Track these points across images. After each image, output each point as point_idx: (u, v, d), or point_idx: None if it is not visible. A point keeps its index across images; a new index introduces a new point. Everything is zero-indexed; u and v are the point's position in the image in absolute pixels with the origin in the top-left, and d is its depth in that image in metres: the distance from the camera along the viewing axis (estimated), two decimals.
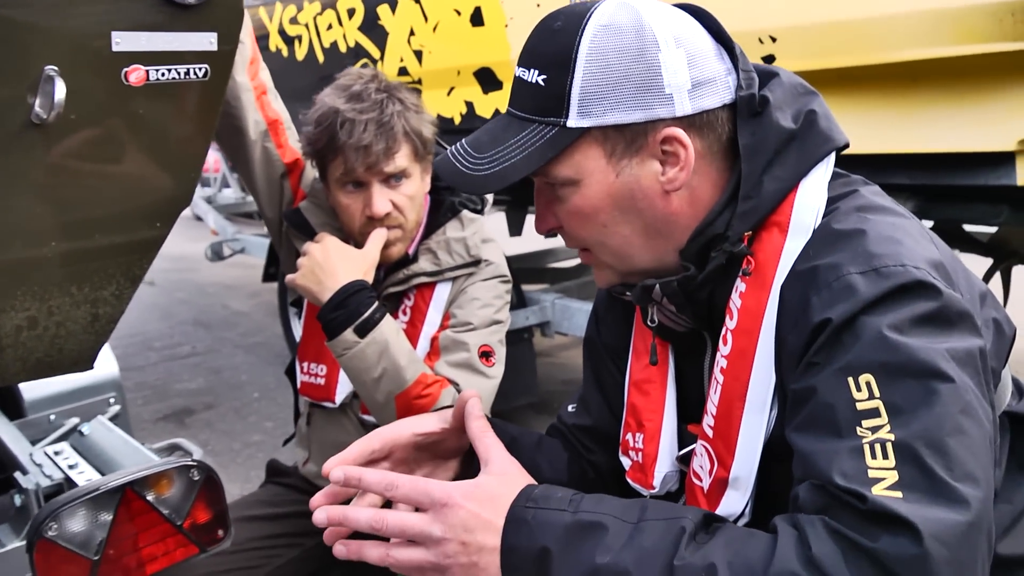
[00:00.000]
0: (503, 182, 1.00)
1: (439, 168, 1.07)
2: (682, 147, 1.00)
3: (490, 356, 1.77)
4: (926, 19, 2.14)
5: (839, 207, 1.00)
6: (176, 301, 8.25)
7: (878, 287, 0.87)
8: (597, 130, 0.99)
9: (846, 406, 0.84)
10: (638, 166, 1.01)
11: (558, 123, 1.00)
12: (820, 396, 0.86)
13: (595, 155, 1.01)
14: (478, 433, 1.08)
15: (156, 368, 5.92)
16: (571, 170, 1.02)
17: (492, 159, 1.02)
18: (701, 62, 1.00)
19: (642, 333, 1.22)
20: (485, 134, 1.06)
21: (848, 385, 0.85)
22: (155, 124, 1.32)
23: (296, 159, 1.92)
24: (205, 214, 8.47)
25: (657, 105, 0.98)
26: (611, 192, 1.02)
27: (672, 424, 1.17)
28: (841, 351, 0.87)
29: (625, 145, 1.00)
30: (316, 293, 1.67)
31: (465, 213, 1.86)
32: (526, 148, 1.01)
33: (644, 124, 0.99)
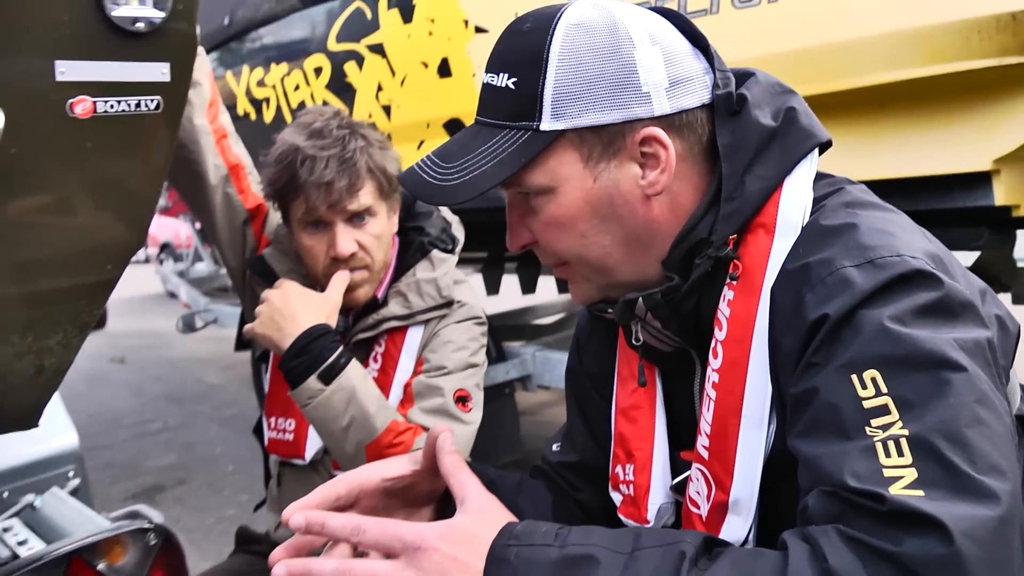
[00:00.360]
0: (473, 191, 0.94)
1: (404, 181, 1.00)
2: (662, 148, 0.95)
3: (466, 401, 1.68)
4: (890, 42, 2.12)
5: (826, 204, 0.95)
6: (148, 378, 8.08)
7: (875, 278, 0.82)
8: (572, 133, 0.94)
9: (852, 405, 0.78)
10: (617, 169, 0.96)
11: (531, 127, 0.94)
12: (823, 397, 0.81)
13: (571, 160, 0.96)
14: (451, 469, 1.00)
15: (125, 446, 5.73)
16: (546, 177, 0.96)
17: (462, 168, 0.96)
18: (677, 60, 0.96)
19: (627, 357, 1.16)
20: (453, 144, 1.00)
21: (852, 383, 0.79)
22: (104, 159, 1.25)
23: (259, 204, 1.85)
24: (177, 288, 8.38)
25: (634, 104, 0.94)
26: (589, 199, 0.97)
27: (664, 451, 1.11)
28: (841, 348, 0.81)
29: (602, 148, 0.95)
30: (276, 340, 1.58)
31: (435, 253, 1.79)
32: (497, 155, 0.95)
33: (622, 125, 0.94)
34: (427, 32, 3.44)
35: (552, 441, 1.35)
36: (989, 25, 1.95)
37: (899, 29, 2.12)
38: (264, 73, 4.50)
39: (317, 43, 4.04)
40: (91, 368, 8.72)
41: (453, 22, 3.32)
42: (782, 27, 2.30)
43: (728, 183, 0.96)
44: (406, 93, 3.59)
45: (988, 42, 1.97)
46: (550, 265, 1.06)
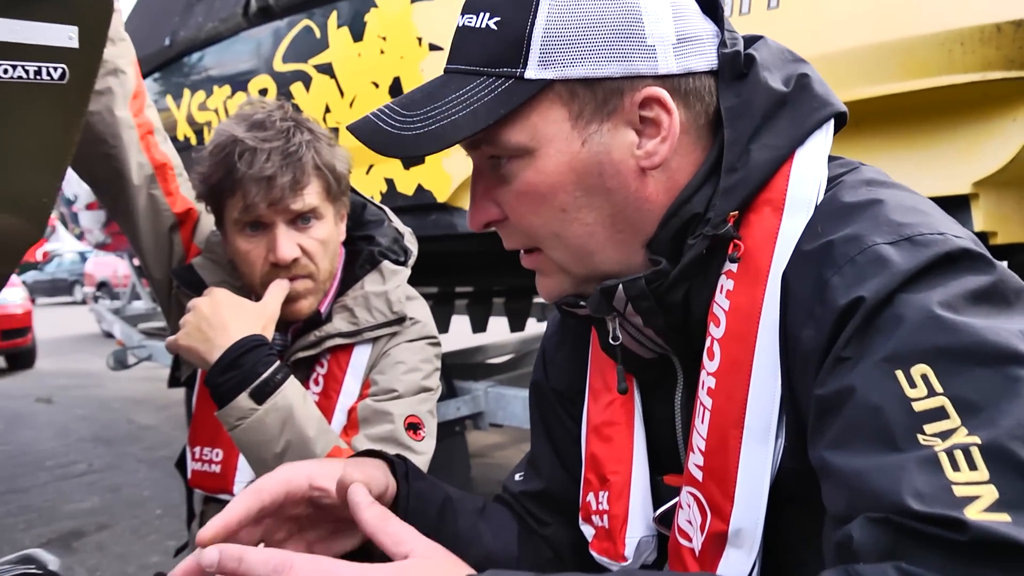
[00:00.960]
0: (439, 143, 0.79)
1: (356, 129, 0.83)
2: (665, 113, 0.80)
3: (418, 428, 1.49)
4: (867, 54, 2.02)
5: (844, 180, 0.82)
6: (75, 418, 7.71)
7: (917, 257, 0.69)
8: (561, 85, 0.80)
9: (899, 407, 0.64)
10: (609, 134, 0.81)
11: (513, 74, 0.80)
12: (861, 398, 0.66)
13: (557, 117, 0.81)
14: (377, 524, 0.82)
15: (45, 489, 5.37)
16: (526, 135, 0.81)
17: (428, 116, 0.80)
18: (687, 15, 0.83)
19: (600, 367, 1.01)
20: (418, 92, 0.84)
21: (897, 380, 0.65)
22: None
23: (188, 209, 1.65)
24: (112, 325, 8.06)
25: (637, 57, 0.79)
26: (574, 165, 0.81)
27: (643, 474, 0.95)
28: (880, 338, 0.67)
29: (595, 106, 0.80)
30: (203, 353, 1.37)
31: (386, 264, 1.61)
32: (471, 103, 0.80)
33: (620, 81, 0.80)
34: (378, 51, 3.31)
35: (514, 470, 1.19)
36: (973, 37, 1.86)
37: (876, 42, 2.02)
38: (206, 96, 4.32)
39: (262, 64, 3.90)
40: (15, 408, 8.31)
41: (406, 40, 3.19)
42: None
43: (730, 152, 0.82)
44: (356, 114, 3.44)
45: (971, 55, 1.88)
46: (517, 249, 0.90)
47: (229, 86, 4.13)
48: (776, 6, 2.15)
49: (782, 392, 0.76)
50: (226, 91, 4.15)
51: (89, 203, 7.61)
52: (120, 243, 8.16)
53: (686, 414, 0.93)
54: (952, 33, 1.88)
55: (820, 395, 0.70)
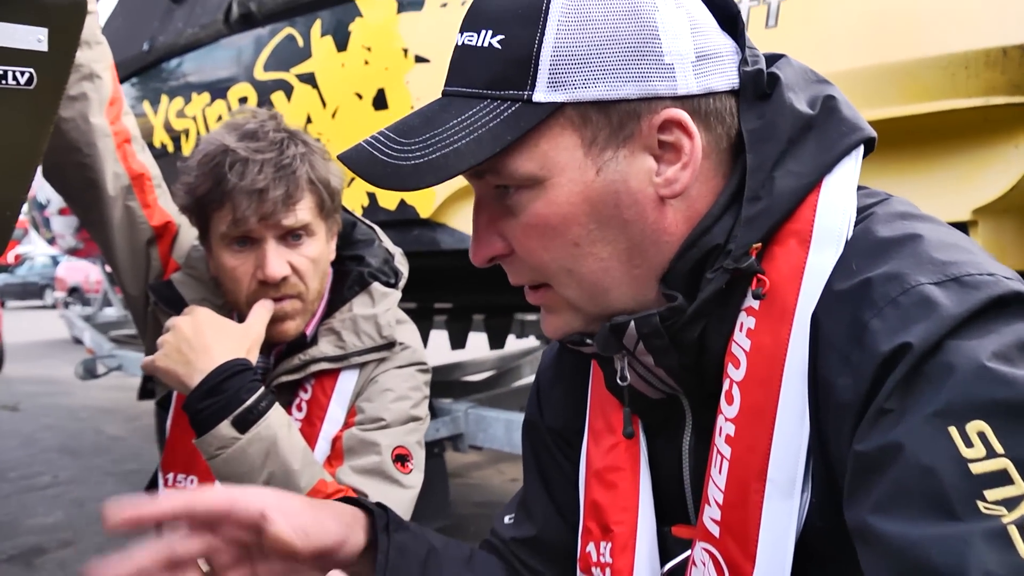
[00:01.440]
0: (442, 174, 0.73)
1: (349, 160, 0.77)
2: (686, 136, 0.75)
3: (406, 460, 1.41)
4: (868, 76, 1.98)
5: (875, 212, 0.77)
6: (41, 427, 7.53)
7: (966, 301, 0.64)
8: (573, 108, 0.74)
9: (954, 468, 0.59)
10: (626, 160, 0.75)
11: (520, 97, 0.73)
12: (910, 457, 0.61)
13: (569, 144, 0.75)
14: None
15: (6, 501, 5.21)
16: (535, 163, 0.75)
17: (427, 144, 0.74)
18: (705, 30, 0.77)
19: (602, 407, 0.95)
20: (416, 117, 0.78)
21: (951, 437, 0.60)
22: None
23: (167, 222, 1.57)
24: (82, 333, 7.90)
25: (654, 77, 0.73)
26: (589, 195, 0.76)
27: (650, 525, 0.89)
28: (930, 389, 0.62)
29: (610, 131, 0.74)
30: (183, 377, 1.29)
31: (376, 286, 1.53)
32: (475, 129, 0.73)
33: (637, 103, 0.74)
34: (363, 61, 3.24)
35: (504, 512, 1.12)
36: (978, 60, 1.82)
37: (877, 63, 1.98)
38: (184, 103, 4.24)
39: (243, 72, 3.82)
40: None
41: (391, 51, 3.13)
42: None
43: (753, 179, 0.76)
44: (338, 126, 3.37)
45: (975, 79, 1.84)
46: (522, 285, 0.83)
47: (208, 93, 4.05)
48: (774, 25, 2.11)
49: (810, 443, 0.71)
50: (205, 98, 4.06)
51: (61, 208, 7.49)
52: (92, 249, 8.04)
53: (695, 460, 0.87)
54: (957, 56, 1.85)
55: (861, 451, 0.64)
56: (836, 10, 2.04)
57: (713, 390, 0.79)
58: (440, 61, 2.99)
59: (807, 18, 2.07)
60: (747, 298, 0.76)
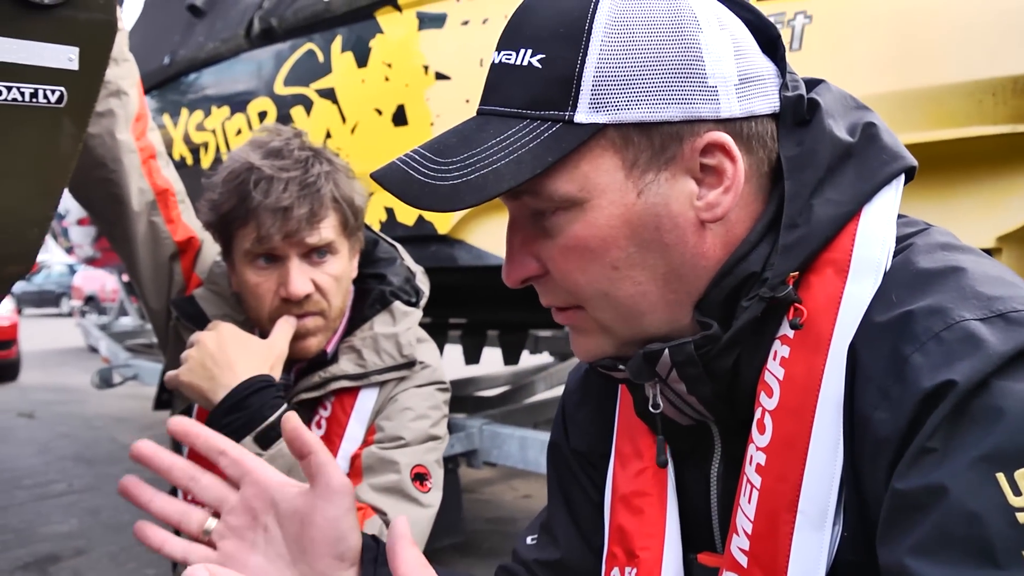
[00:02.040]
0: (481, 195, 0.71)
1: (383, 178, 0.76)
2: (729, 160, 0.74)
3: (425, 479, 1.41)
4: (894, 102, 1.97)
5: (915, 243, 0.75)
6: (57, 435, 7.55)
7: (1013, 339, 0.62)
8: (614, 130, 0.72)
9: (1000, 517, 0.58)
10: (667, 183, 0.74)
11: (561, 118, 0.72)
12: (954, 501, 0.59)
13: (609, 166, 0.73)
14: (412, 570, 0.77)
15: (22, 509, 5.23)
16: (575, 185, 0.73)
17: (466, 164, 0.73)
18: (747, 53, 0.76)
19: (629, 431, 0.93)
20: (452, 136, 0.77)
21: (998, 484, 0.58)
22: None
23: (190, 238, 1.58)
24: (98, 342, 7.95)
25: (698, 100, 0.72)
26: (629, 218, 0.74)
27: (676, 552, 0.87)
28: (976, 431, 0.60)
29: (652, 153, 0.73)
30: (206, 392, 1.30)
31: (397, 305, 1.53)
32: (514, 150, 0.72)
33: (679, 125, 0.72)
34: (383, 77, 3.25)
35: (526, 532, 1.10)
36: (1006, 87, 1.81)
37: (903, 89, 1.97)
38: (204, 116, 4.26)
39: (263, 86, 3.84)
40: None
41: (411, 67, 3.14)
42: None
43: (791, 206, 0.75)
44: (357, 141, 3.38)
45: (1003, 106, 1.83)
46: (553, 307, 0.82)
47: (228, 107, 4.07)
48: (799, 48, 2.11)
49: (843, 475, 0.69)
50: (225, 112, 4.09)
51: (80, 218, 7.53)
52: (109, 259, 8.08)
53: (723, 487, 0.86)
54: (984, 83, 1.84)
55: (901, 490, 0.63)
56: (861, 34, 2.03)
57: (744, 418, 0.78)
58: (460, 78, 3.00)
59: (832, 41, 2.07)
60: (782, 326, 0.75)
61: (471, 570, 3.85)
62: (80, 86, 1.04)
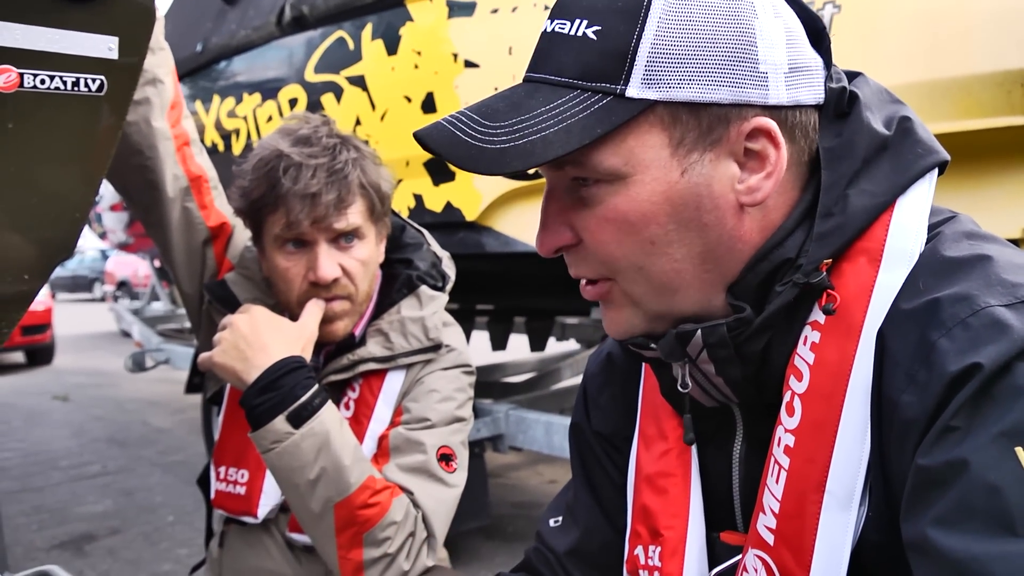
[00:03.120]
0: (530, 160, 0.72)
1: (428, 136, 0.76)
2: (773, 146, 0.75)
3: (450, 460, 1.44)
4: (923, 92, 1.97)
5: (942, 232, 0.77)
6: (90, 418, 7.68)
7: None
8: (664, 107, 0.73)
9: (1019, 489, 0.60)
10: (711, 164, 0.75)
11: (613, 91, 0.73)
12: (975, 474, 0.61)
13: (656, 143, 0.74)
14: None
15: (58, 489, 5.34)
16: (620, 158, 0.74)
17: (515, 130, 0.73)
18: (799, 43, 0.77)
19: (654, 412, 0.95)
20: (500, 100, 0.77)
21: (1018, 457, 0.60)
22: (28, 145, 1.02)
23: (222, 223, 1.62)
24: (130, 326, 8.07)
25: (748, 84, 0.73)
26: (671, 196, 0.75)
27: (700, 531, 0.89)
28: (998, 409, 0.62)
29: (699, 133, 0.74)
30: (240, 373, 1.33)
31: (424, 289, 1.56)
32: (563, 119, 0.73)
33: (728, 108, 0.73)
34: (412, 65, 3.28)
35: (548, 514, 1.12)
36: None
37: (931, 79, 1.97)
38: (236, 103, 4.31)
39: (294, 73, 3.88)
40: (32, 405, 8.32)
41: (441, 56, 3.16)
42: None
43: (827, 196, 0.76)
44: (386, 128, 3.41)
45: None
46: (584, 278, 0.83)
47: (259, 94, 4.11)
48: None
49: (870, 458, 0.71)
50: (256, 99, 4.13)
51: (113, 204, 7.64)
52: (142, 244, 8.19)
53: (745, 469, 0.87)
54: (1013, 73, 1.83)
55: (924, 465, 0.65)
56: (891, 24, 2.02)
57: (769, 401, 0.80)
58: (489, 66, 3.01)
59: (861, 31, 2.06)
60: (813, 312, 0.76)
61: (495, 553, 3.89)
62: (120, 75, 1.07)
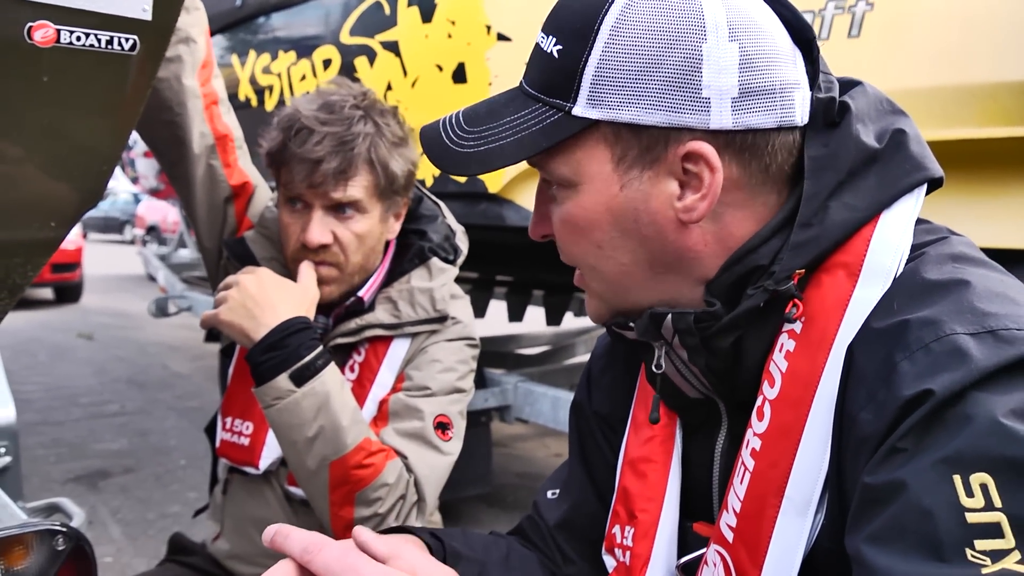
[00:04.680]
0: (483, 167, 0.81)
1: (424, 135, 0.86)
2: (708, 169, 0.77)
3: (447, 428, 1.49)
4: (951, 96, 1.96)
5: (927, 252, 0.77)
6: (112, 358, 7.84)
7: (998, 355, 0.64)
8: (607, 126, 0.78)
9: (951, 515, 0.61)
10: (649, 182, 0.79)
11: (563, 107, 0.79)
12: (911, 497, 0.63)
13: (600, 157, 0.80)
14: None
15: (77, 425, 5.48)
16: (569, 169, 0.81)
17: (481, 137, 0.82)
18: (761, 65, 0.76)
19: (645, 401, 0.98)
20: (485, 105, 0.85)
21: (954, 485, 0.61)
22: (62, 98, 1.07)
23: (245, 182, 1.66)
24: (156, 271, 8.19)
25: (686, 109, 0.75)
26: (611, 207, 0.81)
27: (672, 518, 0.92)
28: (943, 436, 0.63)
29: (638, 152, 0.78)
30: (249, 331, 1.38)
31: (435, 261, 1.60)
32: (519, 131, 0.80)
33: (665, 130, 0.76)
34: (446, 34, 3.29)
35: (546, 485, 1.16)
36: None
37: (959, 83, 1.96)
38: (271, 60, 4.34)
39: (329, 34, 3.90)
40: (58, 341, 8.49)
41: (475, 27, 3.17)
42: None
43: (807, 206, 0.78)
44: (416, 95, 3.43)
45: None
46: (569, 265, 0.90)
47: (295, 52, 4.14)
48: (857, 35, 2.10)
49: (829, 468, 0.73)
50: (291, 57, 4.16)
51: (147, 151, 7.73)
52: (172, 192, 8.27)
53: (725, 462, 0.90)
54: None
55: (868, 483, 0.67)
56: (922, 25, 2.01)
57: (745, 400, 0.83)
58: (521, 41, 3.02)
59: (891, 31, 2.05)
60: (783, 318, 0.78)
61: (495, 521, 3.96)
62: (152, 35, 1.10)
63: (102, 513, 4.01)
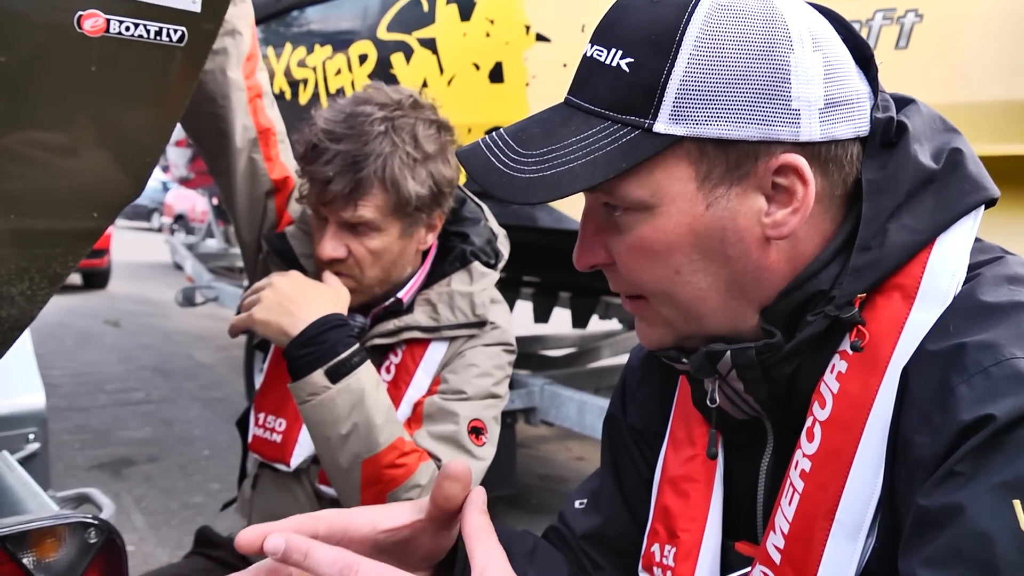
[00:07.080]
0: (554, 192, 0.73)
1: (467, 160, 0.78)
2: (801, 182, 0.74)
3: (481, 433, 1.47)
4: (1001, 111, 1.92)
5: (982, 274, 0.75)
6: (139, 345, 7.91)
7: None
8: (692, 143, 0.73)
9: (1009, 539, 0.60)
10: (737, 199, 0.75)
11: (641, 125, 0.73)
12: (969, 520, 0.62)
13: (683, 176, 0.75)
14: (477, 533, 0.75)
15: (103, 412, 5.53)
16: (647, 191, 0.75)
17: (543, 160, 0.75)
18: (839, 76, 0.75)
19: (685, 417, 0.95)
20: (535, 125, 0.79)
21: (1013, 509, 0.60)
22: (109, 89, 1.05)
23: (286, 177, 1.65)
24: (184, 260, 8.25)
25: (778, 121, 0.73)
26: (695, 228, 0.76)
27: (715, 538, 0.90)
28: (1002, 460, 0.62)
29: (726, 168, 0.74)
30: (286, 327, 1.38)
31: (476, 265, 1.58)
32: (591, 151, 0.74)
33: (756, 145, 0.73)
34: (484, 33, 3.28)
35: (575, 496, 1.13)
36: None
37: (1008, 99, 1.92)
38: (307, 53, 4.35)
39: (366, 29, 3.90)
40: (85, 327, 8.58)
41: (514, 26, 3.16)
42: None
43: (866, 229, 0.75)
44: (452, 93, 3.42)
45: None
46: (621, 294, 0.85)
47: (331, 46, 4.14)
48: (905, 47, 2.06)
49: (882, 492, 0.71)
50: (327, 51, 4.16)
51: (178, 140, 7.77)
52: (202, 181, 8.33)
53: (770, 481, 0.88)
54: None
55: (924, 506, 0.65)
56: (973, 38, 1.97)
57: (796, 422, 0.80)
58: (560, 42, 3.00)
59: (941, 44, 2.01)
60: (843, 342, 0.76)
61: (517, 523, 3.94)
62: (200, 27, 1.09)
63: (126, 502, 4.03)
